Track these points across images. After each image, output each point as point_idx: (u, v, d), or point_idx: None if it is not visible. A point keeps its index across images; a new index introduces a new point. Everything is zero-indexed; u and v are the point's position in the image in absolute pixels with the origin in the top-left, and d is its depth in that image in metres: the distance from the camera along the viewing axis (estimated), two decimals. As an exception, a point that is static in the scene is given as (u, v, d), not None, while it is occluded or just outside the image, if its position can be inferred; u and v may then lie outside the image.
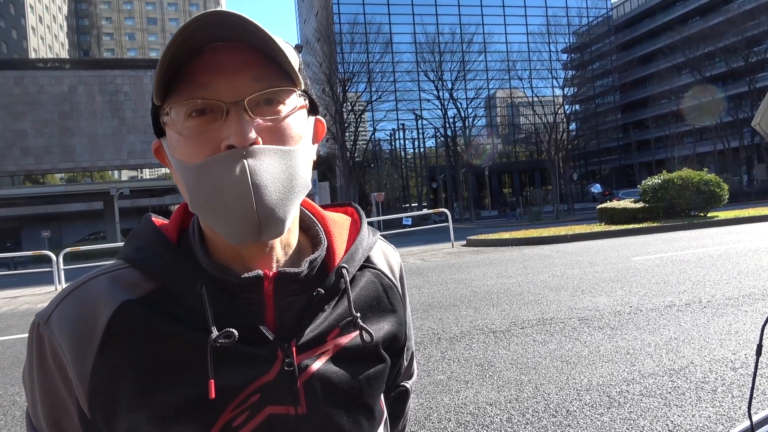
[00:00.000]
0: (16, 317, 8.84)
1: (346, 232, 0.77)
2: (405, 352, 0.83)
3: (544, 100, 50.18)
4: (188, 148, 0.60)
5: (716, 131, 47.06)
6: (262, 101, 0.61)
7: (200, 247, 0.67)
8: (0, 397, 4.40)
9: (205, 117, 0.60)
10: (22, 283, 15.23)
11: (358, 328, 0.69)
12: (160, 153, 0.69)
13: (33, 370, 0.66)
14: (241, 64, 0.61)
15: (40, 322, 0.65)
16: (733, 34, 45.53)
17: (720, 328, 4.71)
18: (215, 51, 0.60)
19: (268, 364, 0.64)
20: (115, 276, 0.67)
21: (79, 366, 0.62)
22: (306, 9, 68.04)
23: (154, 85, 0.61)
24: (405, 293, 0.84)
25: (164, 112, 0.62)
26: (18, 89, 38.79)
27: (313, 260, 0.69)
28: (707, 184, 16.24)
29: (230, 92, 0.60)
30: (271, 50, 0.60)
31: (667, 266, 8.33)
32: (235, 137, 0.58)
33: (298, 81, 0.63)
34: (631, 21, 65.06)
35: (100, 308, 0.64)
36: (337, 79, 43.31)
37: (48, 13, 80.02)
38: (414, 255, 13.58)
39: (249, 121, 0.59)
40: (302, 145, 0.65)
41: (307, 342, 0.66)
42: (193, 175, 0.60)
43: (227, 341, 0.61)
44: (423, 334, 5.30)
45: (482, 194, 54.83)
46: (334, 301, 0.71)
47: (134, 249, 0.69)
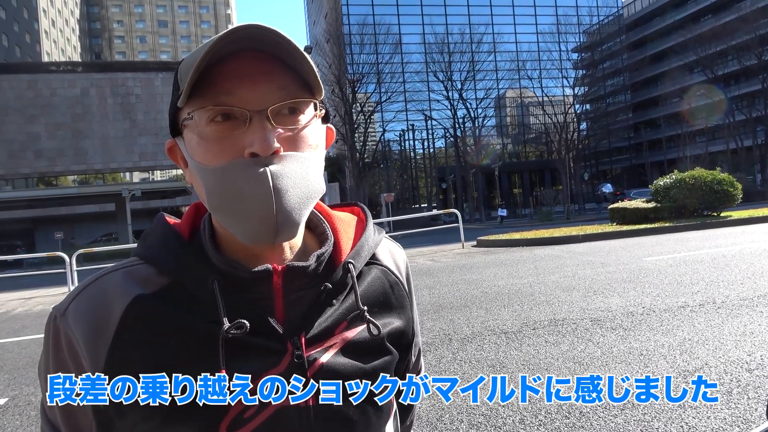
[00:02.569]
0: (30, 318, 8.93)
1: (353, 230, 0.79)
2: (413, 347, 0.85)
3: (555, 100, 49.95)
4: (209, 152, 0.62)
5: (729, 130, 46.56)
6: (283, 110, 0.64)
7: (211, 244, 0.69)
8: (15, 397, 4.45)
9: (229, 123, 0.62)
10: (35, 284, 15.40)
11: (366, 321, 0.71)
12: (173, 152, 0.71)
13: (49, 361, 0.68)
14: (264, 72, 0.63)
15: (57, 315, 0.67)
16: (745, 31, 44.97)
17: (735, 329, 4.66)
18: (238, 58, 0.62)
19: (278, 357, 0.66)
20: (129, 271, 0.69)
21: (93, 357, 0.64)
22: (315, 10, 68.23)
23: (184, 89, 0.62)
24: (411, 290, 0.86)
25: (187, 115, 0.64)
26: (31, 92, 39.23)
27: (321, 255, 0.71)
28: (720, 183, 16.06)
29: (254, 100, 0.62)
30: (296, 61, 0.63)
31: (680, 266, 8.25)
32: (259, 145, 0.60)
33: (319, 91, 0.66)
34: (642, 19, 64.53)
35: (114, 302, 0.66)
36: (346, 80, 43.38)
37: (60, 16, 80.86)
38: (424, 255, 13.57)
39: (271, 130, 0.62)
40: (318, 152, 0.67)
41: (315, 335, 0.68)
42: (213, 177, 0.62)
43: (239, 332, 0.63)
44: (434, 335, 5.29)
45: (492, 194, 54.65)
46: (342, 296, 0.72)
47: (148, 246, 0.71)
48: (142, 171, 48.11)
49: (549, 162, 53.77)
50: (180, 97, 0.64)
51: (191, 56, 0.63)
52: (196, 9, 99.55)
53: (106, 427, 0.66)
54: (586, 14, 57.25)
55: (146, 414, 0.63)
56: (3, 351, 6.38)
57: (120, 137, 40.96)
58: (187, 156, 0.67)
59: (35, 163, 39.71)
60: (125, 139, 41.06)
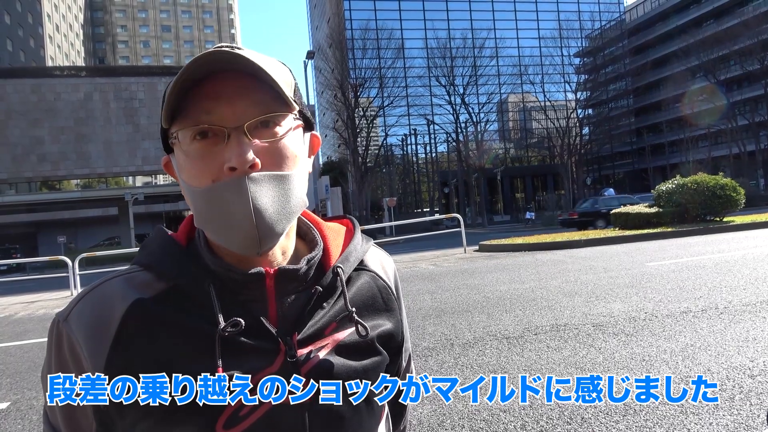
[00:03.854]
0: (33, 322, 8.94)
1: (342, 238, 0.84)
2: (403, 352, 0.88)
3: (557, 105, 50.01)
4: (194, 168, 0.67)
5: (732, 135, 46.51)
6: (259, 124, 0.67)
7: (207, 250, 0.74)
8: (18, 401, 4.45)
9: (209, 140, 0.66)
10: (38, 288, 15.42)
11: (354, 322, 0.74)
12: (169, 167, 0.76)
13: (51, 365, 0.71)
14: (240, 90, 0.67)
15: (60, 320, 0.71)
16: (748, 36, 45.02)
17: (737, 335, 4.64)
18: (217, 78, 0.66)
19: (272, 356, 0.69)
20: (129, 278, 0.73)
21: (94, 359, 0.67)
22: (318, 15, 68.51)
23: (162, 110, 0.68)
24: (400, 295, 0.89)
25: (172, 135, 0.69)
26: (35, 97, 39.42)
27: (311, 259, 0.76)
28: (723, 188, 16.02)
29: (231, 117, 0.66)
30: (264, 80, 0.66)
31: (683, 272, 8.23)
32: (236, 159, 0.64)
33: (291, 105, 0.69)
34: (644, 24, 64.59)
35: (115, 306, 0.69)
36: (349, 85, 43.53)
37: (65, 21, 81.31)
38: (426, 260, 13.56)
39: (248, 144, 0.65)
40: (298, 166, 0.71)
41: (307, 336, 0.72)
42: (199, 198, 0.67)
43: (234, 330, 0.67)
44: (436, 340, 5.29)
45: (494, 199, 54.63)
46: (332, 299, 0.76)
47: (147, 254, 0.76)
48: (145, 175, 48.29)
49: (551, 166, 53.80)
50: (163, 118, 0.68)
51: (176, 75, 0.67)
52: (200, 14, 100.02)
53: (106, 427, 0.69)
54: (588, 19, 57.40)
55: (146, 412, 0.65)
56: (5, 355, 6.38)
57: (123, 141, 41.10)
58: (177, 173, 0.72)
59: (39, 167, 39.85)
60: (128, 143, 41.19)
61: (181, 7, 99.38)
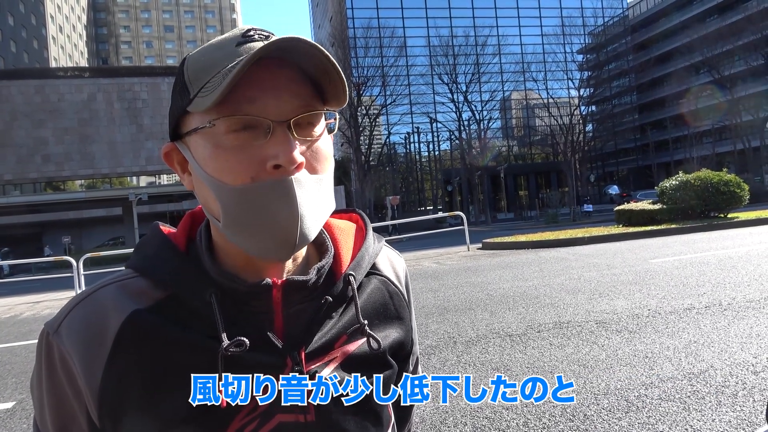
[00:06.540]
0: (38, 322, 8.99)
1: (352, 240, 0.78)
2: (411, 357, 0.84)
3: (560, 102, 49.86)
4: (229, 162, 0.60)
5: (736, 131, 46.29)
6: (303, 121, 0.62)
7: (208, 255, 0.68)
8: (23, 401, 4.48)
9: (248, 133, 0.60)
10: (43, 288, 15.49)
11: (366, 335, 0.70)
12: (170, 157, 0.69)
13: (42, 378, 0.67)
14: (285, 81, 0.61)
15: (50, 332, 0.66)
16: (752, 31, 44.76)
17: (741, 332, 4.64)
18: (261, 66, 0.59)
19: (278, 372, 0.64)
20: (123, 285, 0.67)
21: (88, 375, 0.63)
22: (320, 14, 68.47)
23: (215, 95, 0.58)
24: (411, 300, 0.85)
25: (208, 123, 0.60)
26: (39, 98, 39.60)
27: (321, 268, 0.70)
28: (727, 184, 15.96)
29: (276, 110, 0.60)
30: (328, 75, 0.62)
31: (687, 268, 8.22)
32: (284, 158, 0.59)
33: (343, 103, 0.65)
34: (647, 20, 64.31)
35: (109, 317, 0.64)
36: (351, 83, 43.47)
37: (68, 22, 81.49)
38: (429, 258, 13.56)
39: (295, 141, 0.60)
40: (330, 169, 0.67)
41: (315, 349, 0.67)
42: (234, 197, 0.60)
43: (238, 350, 0.61)
44: (438, 338, 5.29)
45: (498, 197, 54.55)
46: (341, 309, 0.71)
47: (142, 257, 0.70)
48: (148, 175, 48.33)
49: (555, 164, 53.65)
50: (193, 101, 0.61)
51: (202, 56, 0.62)
52: (202, 14, 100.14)
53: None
54: (591, 16, 57.16)
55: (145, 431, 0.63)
56: (11, 355, 6.42)
57: (127, 142, 41.25)
58: (195, 165, 0.64)
59: (43, 168, 40.04)
60: (132, 143, 41.35)
61: (184, 7, 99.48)
